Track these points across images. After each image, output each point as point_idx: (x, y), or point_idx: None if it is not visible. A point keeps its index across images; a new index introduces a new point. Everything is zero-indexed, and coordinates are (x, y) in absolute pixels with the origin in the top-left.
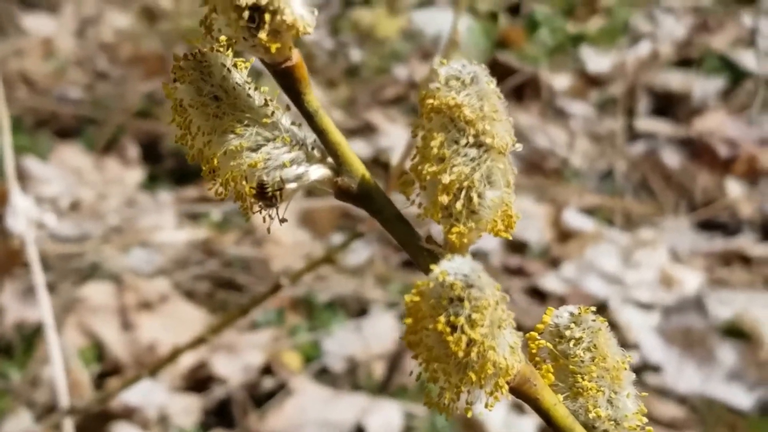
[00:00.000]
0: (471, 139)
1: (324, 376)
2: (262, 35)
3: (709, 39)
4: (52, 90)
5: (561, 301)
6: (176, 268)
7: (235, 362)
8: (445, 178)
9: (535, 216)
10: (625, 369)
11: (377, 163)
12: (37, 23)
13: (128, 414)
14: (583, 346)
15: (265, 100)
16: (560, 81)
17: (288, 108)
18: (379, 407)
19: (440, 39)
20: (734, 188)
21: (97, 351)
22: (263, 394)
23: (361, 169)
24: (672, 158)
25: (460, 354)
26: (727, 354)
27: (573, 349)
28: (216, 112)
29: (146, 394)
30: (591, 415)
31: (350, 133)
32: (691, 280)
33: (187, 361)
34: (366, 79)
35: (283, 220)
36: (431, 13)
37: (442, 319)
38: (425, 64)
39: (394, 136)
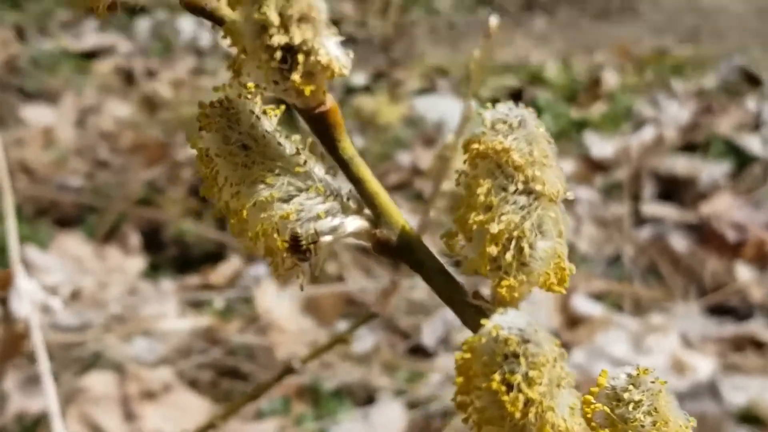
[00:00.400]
0: (520, 186)
1: None
2: (296, 77)
3: (714, 123)
4: (52, 179)
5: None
6: (179, 357)
7: None
8: (494, 228)
9: (542, 302)
10: None
11: None
12: (36, 114)
13: None
14: (643, 410)
15: (297, 149)
16: (565, 166)
17: (322, 157)
18: None
19: (442, 125)
20: (744, 272)
21: None
22: None
23: (400, 221)
24: (680, 243)
25: (517, 415)
26: None
27: (632, 412)
28: (245, 161)
29: None
30: None
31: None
32: (703, 365)
33: None
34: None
35: (315, 278)
36: (433, 99)
37: (497, 377)
38: (428, 150)
39: None
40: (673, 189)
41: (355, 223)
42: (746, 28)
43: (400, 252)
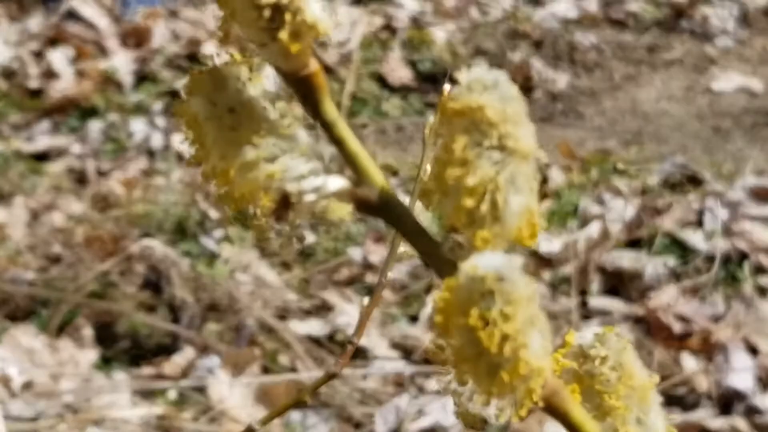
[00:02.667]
0: (495, 142)
1: None
2: (283, 35)
3: (658, 220)
4: (4, 273)
5: None
6: None
7: None
8: (470, 181)
9: None
10: (652, 389)
11: (334, 341)
12: None
13: None
14: (609, 365)
15: (281, 113)
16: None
17: (305, 120)
18: None
19: None
20: (690, 363)
21: None
22: None
23: (380, 181)
24: (627, 335)
25: (493, 350)
26: None
27: (599, 368)
28: (232, 124)
29: None
30: None
31: (305, 313)
32: None
33: None
34: (320, 261)
35: (301, 239)
36: None
37: (474, 313)
38: (379, 245)
39: (351, 315)
40: (619, 283)
41: (336, 183)
42: (686, 131)
43: (380, 210)
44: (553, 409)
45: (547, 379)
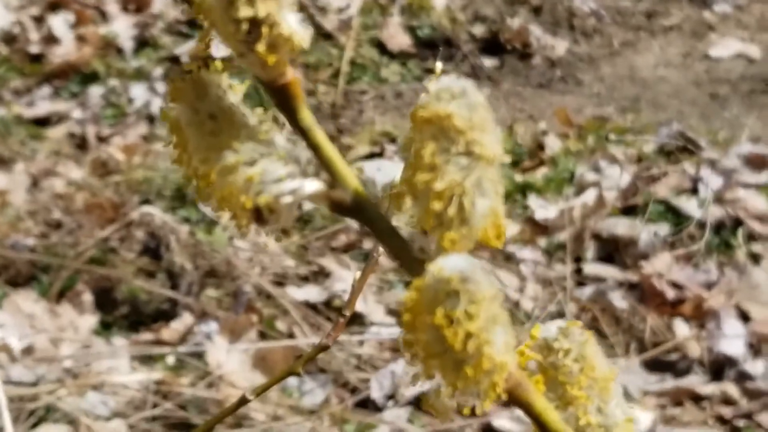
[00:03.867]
0: (461, 148)
1: None
2: (260, 48)
3: (654, 187)
4: (5, 239)
5: None
6: (132, 411)
7: None
8: (438, 185)
9: None
10: (613, 380)
11: (330, 307)
12: None
13: None
14: (571, 357)
15: (260, 119)
16: (509, 228)
17: (282, 126)
18: None
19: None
20: (683, 329)
21: None
22: None
23: (353, 183)
24: (621, 301)
25: (458, 347)
26: None
27: (562, 360)
28: (213, 129)
29: None
30: (581, 422)
31: (303, 279)
32: (644, 419)
33: None
34: (318, 228)
35: (278, 238)
36: (381, 163)
37: (440, 312)
38: None
39: (348, 282)
40: (614, 250)
41: (312, 186)
42: (683, 98)
43: (354, 211)
44: (516, 400)
45: (510, 372)
